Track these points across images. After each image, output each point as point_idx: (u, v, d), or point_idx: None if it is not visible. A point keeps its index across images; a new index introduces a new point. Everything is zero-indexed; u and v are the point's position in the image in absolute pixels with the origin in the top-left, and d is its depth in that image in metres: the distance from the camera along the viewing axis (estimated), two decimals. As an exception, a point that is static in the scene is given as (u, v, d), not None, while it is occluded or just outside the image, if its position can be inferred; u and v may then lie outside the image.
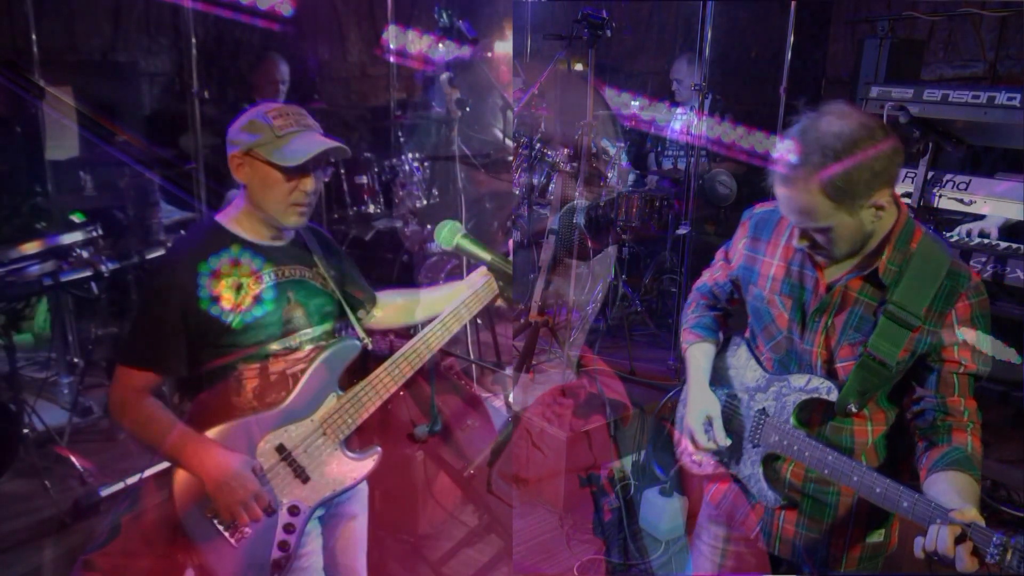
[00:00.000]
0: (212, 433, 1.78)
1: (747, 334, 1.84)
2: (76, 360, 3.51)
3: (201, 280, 1.80)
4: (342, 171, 4.71)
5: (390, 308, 2.19)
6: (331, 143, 1.84)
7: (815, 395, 1.60)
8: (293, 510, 1.83)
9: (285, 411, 1.84)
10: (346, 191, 4.74)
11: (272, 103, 1.87)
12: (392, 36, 4.41)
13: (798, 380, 1.64)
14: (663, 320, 4.64)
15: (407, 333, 2.19)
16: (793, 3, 3.89)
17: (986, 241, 2.95)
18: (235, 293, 1.82)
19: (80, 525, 2.67)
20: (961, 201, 2.88)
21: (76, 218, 3.34)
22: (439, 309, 2.08)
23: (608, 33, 3.85)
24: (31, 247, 2.99)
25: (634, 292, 4.62)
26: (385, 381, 1.92)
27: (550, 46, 5.44)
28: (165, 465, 2.94)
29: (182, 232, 3.55)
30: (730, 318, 1.97)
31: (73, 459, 2.90)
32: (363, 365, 1.98)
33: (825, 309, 1.60)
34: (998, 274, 2.85)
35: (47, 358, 3.48)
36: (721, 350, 1.88)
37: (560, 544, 3.20)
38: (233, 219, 1.90)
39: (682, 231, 4.01)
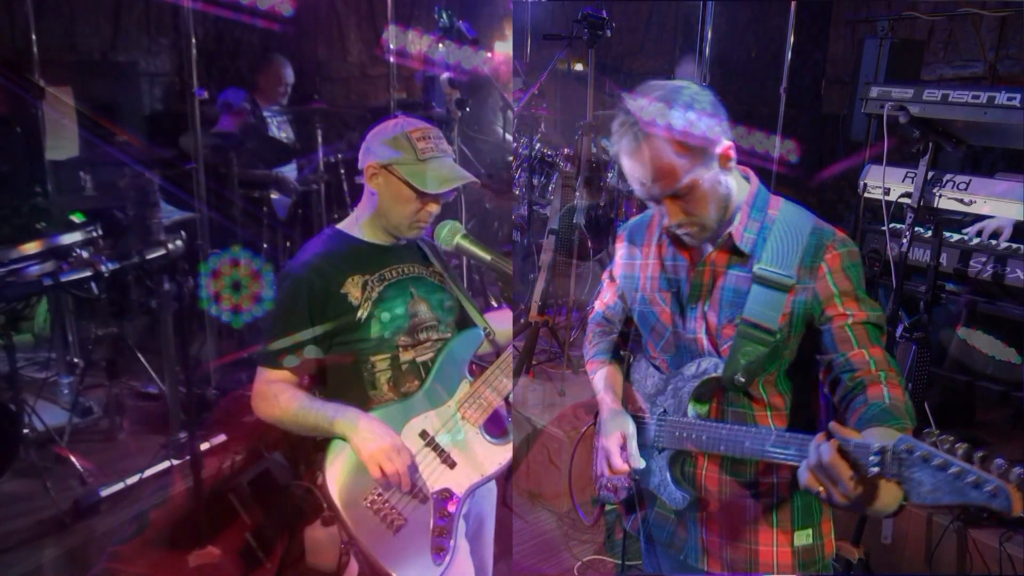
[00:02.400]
0: None
1: (642, 346, 1.82)
2: (76, 360, 3.51)
3: (327, 281, 1.91)
4: (342, 171, 4.71)
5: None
6: (466, 176, 1.97)
7: (706, 376, 1.58)
8: (444, 494, 1.88)
9: (422, 398, 1.94)
10: (346, 191, 4.74)
11: (413, 121, 1.98)
12: (392, 36, 4.41)
13: (690, 369, 1.63)
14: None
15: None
16: (793, 3, 3.89)
17: (987, 241, 2.95)
18: (361, 290, 1.93)
19: (80, 525, 2.67)
20: (961, 201, 2.88)
21: (76, 218, 3.34)
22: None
23: (608, 33, 3.85)
24: (31, 247, 2.98)
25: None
26: (510, 362, 1.98)
27: (550, 46, 5.44)
28: (165, 465, 2.96)
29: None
30: (628, 341, 1.94)
31: (73, 459, 2.90)
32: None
33: (699, 292, 1.59)
34: (998, 274, 2.85)
35: (47, 358, 3.47)
36: (628, 372, 1.87)
37: (560, 544, 3.20)
38: (355, 224, 2.03)
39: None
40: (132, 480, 2.85)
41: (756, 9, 5.74)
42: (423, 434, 1.91)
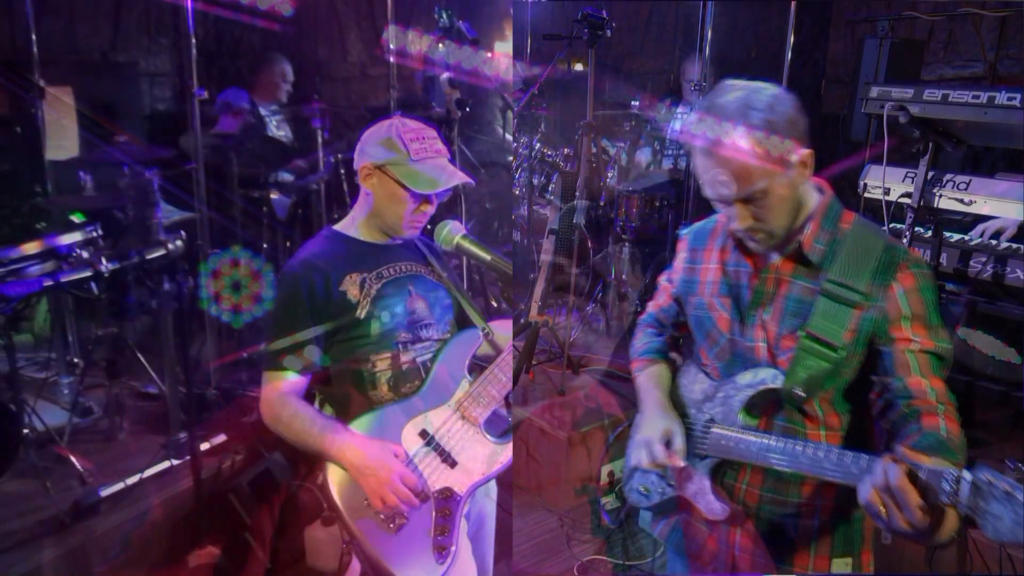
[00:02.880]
0: (355, 424, 1.88)
1: (694, 352, 1.78)
2: (76, 360, 3.51)
3: (326, 279, 1.92)
4: (342, 171, 4.71)
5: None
6: (460, 176, 1.99)
7: (762, 387, 1.53)
8: (445, 493, 1.88)
9: (422, 397, 1.94)
10: (346, 191, 4.74)
11: (408, 122, 2.00)
12: (392, 36, 4.41)
13: (743, 377, 1.57)
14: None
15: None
16: (793, 3, 3.89)
17: (988, 241, 2.95)
18: (359, 288, 1.94)
19: (80, 525, 2.67)
20: (961, 201, 2.88)
21: (76, 218, 3.34)
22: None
23: (608, 33, 3.84)
24: (31, 247, 2.99)
25: (634, 292, 4.62)
26: (511, 362, 1.99)
27: (550, 46, 5.44)
28: (164, 466, 2.96)
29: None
30: (679, 344, 1.90)
31: (73, 459, 2.90)
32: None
33: (760, 300, 1.55)
34: (998, 274, 2.85)
35: (47, 358, 3.47)
36: (675, 377, 1.81)
37: (560, 544, 3.20)
38: (351, 224, 2.06)
39: (682, 231, 4.00)
40: (132, 480, 2.85)
41: (756, 9, 5.74)
42: (423, 433, 1.91)
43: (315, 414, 1.90)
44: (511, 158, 5.12)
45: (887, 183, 2.94)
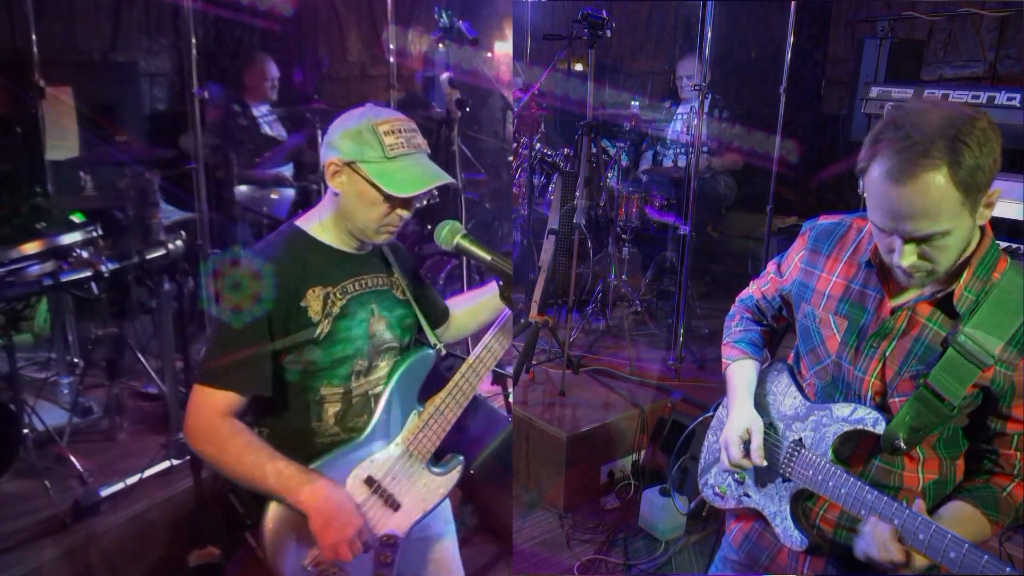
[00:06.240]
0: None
1: (790, 359, 1.71)
2: (76, 360, 3.51)
3: (288, 291, 1.69)
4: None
5: (455, 321, 2.13)
6: (442, 177, 1.74)
7: (859, 426, 1.44)
8: (387, 540, 1.76)
9: (368, 439, 1.77)
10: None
11: (383, 111, 1.74)
12: (392, 36, 4.42)
13: (841, 409, 1.48)
14: (663, 320, 4.64)
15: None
16: (793, 3, 3.89)
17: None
18: (322, 303, 1.72)
19: (80, 525, 2.67)
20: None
21: (76, 218, 3.34)
22: (477, 321, 2.11)
23: (608, 33, 3.85)
24: (31, 247, 2.98)
25: (634, 292, 4.62)
26: (464, 389, 1.85)
27: (550, 46, 5.44)
28: (164, 466, 2.96)
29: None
30: (775, 335, 1.82)
31: (73, 459, 2.90)
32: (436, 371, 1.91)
33: (886, 334, 1.44)
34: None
35: (47, 358, 3.47)
36: (762, 375, 1.72)
37: (560, 544, 3.20)
38: (317, 224, 1.79)
39: (682, 231, 4.01)
40: (132, 480, 2.84)
41: (756, 9, 5.74)
42: (369, 480, 1.76)
43: (268, 450, 1.64)
44: (511, 158, 5.12)
45: (887, 183, 2.92)
